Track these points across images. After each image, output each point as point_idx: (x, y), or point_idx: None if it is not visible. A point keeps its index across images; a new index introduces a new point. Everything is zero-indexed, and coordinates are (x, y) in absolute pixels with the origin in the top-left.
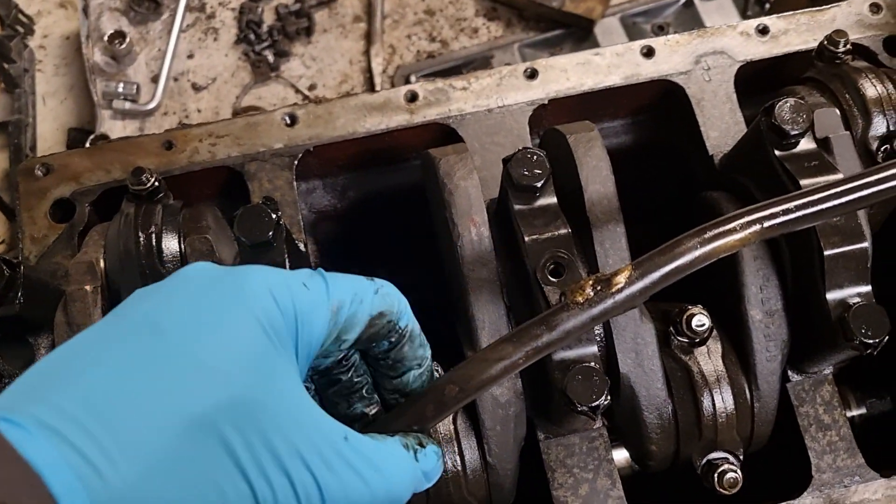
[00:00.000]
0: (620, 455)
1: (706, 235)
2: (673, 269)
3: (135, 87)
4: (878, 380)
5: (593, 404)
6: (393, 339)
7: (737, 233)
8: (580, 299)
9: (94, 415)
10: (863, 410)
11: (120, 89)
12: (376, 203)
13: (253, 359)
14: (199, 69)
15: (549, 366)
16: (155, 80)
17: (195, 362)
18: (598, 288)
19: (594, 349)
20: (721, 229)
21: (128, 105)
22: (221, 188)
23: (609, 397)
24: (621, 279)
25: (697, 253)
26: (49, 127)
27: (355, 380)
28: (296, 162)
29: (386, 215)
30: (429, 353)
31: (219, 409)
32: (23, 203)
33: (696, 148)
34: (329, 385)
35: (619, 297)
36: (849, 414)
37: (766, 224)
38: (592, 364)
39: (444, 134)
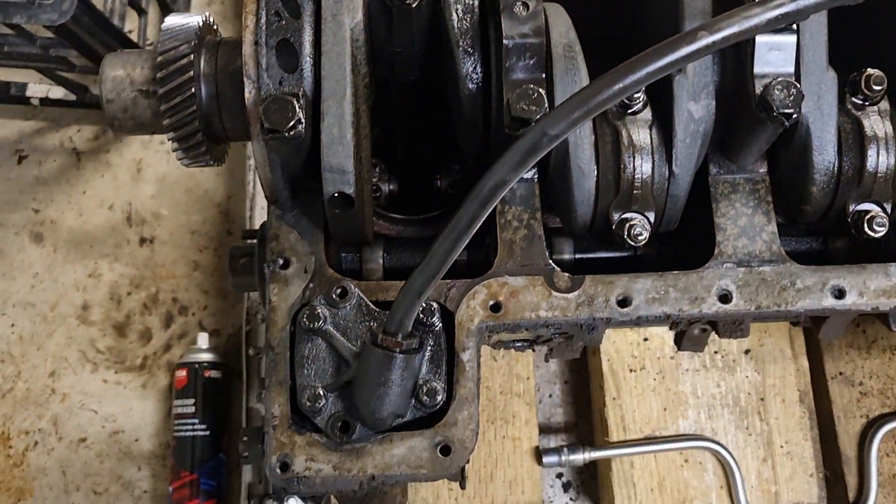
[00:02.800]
0: None
1: None
2: None
3: None
4: None
5: (788, 110)
6: None
7: None
8: None
9: None
10: None
11: None
12: None
13: None
14: None
15: (749, 79)
16: None
17: None
18: None
19: (791, 69)
20: None
21: None
22: None
23: (800, 112)
24: None
25: None
26: None
27: None
28: None
29: None
30: None
31: None
32: None
33: None
34: None
35: None
36: None
37: None
38: (791, 79)
39: None
